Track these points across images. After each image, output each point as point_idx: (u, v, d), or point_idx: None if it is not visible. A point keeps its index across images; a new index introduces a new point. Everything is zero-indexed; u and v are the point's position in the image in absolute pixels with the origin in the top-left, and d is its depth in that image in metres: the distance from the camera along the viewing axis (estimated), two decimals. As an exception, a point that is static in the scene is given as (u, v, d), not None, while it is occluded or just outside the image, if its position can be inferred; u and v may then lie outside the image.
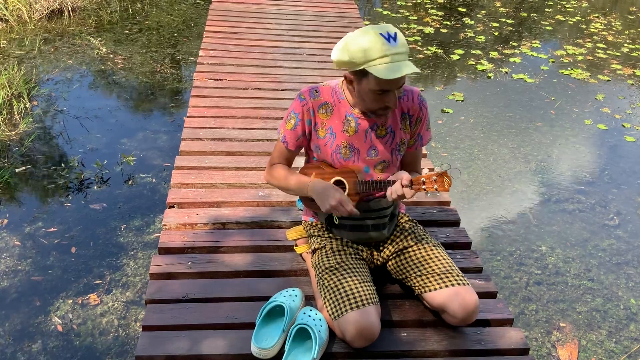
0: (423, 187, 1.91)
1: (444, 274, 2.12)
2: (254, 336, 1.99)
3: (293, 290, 2.18)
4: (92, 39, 5.59)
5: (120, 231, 3.16)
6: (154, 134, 4.12)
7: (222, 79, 4.17)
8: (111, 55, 5.29)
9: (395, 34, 1.86)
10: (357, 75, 1.92)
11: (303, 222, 2.39)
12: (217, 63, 4.44)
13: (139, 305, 2.70)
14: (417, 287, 2.17)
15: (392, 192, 1.97)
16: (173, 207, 2.76)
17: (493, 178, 3.98)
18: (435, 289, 2.10)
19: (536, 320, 2.84)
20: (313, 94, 2.09)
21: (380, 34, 1.84)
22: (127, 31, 5.89)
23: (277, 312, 2.10)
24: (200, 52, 4.61)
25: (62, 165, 3.68)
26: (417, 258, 2.19)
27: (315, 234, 2.29)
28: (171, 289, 2.25)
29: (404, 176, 1.95)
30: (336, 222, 2.19)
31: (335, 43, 5.10)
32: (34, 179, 3.54)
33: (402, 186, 1.94)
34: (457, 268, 2.16)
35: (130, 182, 3.57)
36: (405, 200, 2.20)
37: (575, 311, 2.92)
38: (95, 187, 3.49)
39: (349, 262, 2.14)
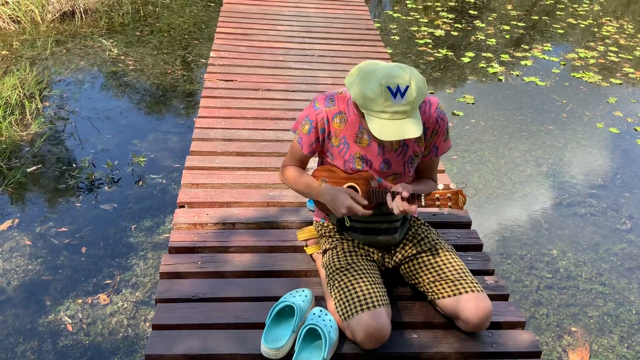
0: (437, 203, 1.90)
1: (458, 280, 2.10)
2: (264, 336, 1.98)
3: (303, 291, 2.17)
4: (104, 41, 5.62)
5: (130, 231, 3.17)
6: (164, 135, 4.13)
7: (232, 80, 4.17)
8: (122, 57, 5.32)
9: (407, 88, 1.77)
10: (359, 109, 1.91)
11: (314, 222, 2.38)
12: (228, 64, 4.44)
13: (149, 306, 2.70)
14: (430, 293, 2.16)
15: (395, 207, 1.94)
16: (183, 206, 2.76)
17: (504, 181, 3.96)
18: (449, 296, 2.09)
19: (547, 324, 2.82)
20: (328, 103, 2.07)
21: (388, 87, 1.75)
22: (138, 33, 5.92)
23: (287, 313, 2.10)
24: (211, 54, 4.62)
25: (73, 165, 3.69)
26: (431, 264, 2.17)
27: (327, 234, 2.28)
28: (181, 288, 2.25)
29: (406, 189, 1.93)
30: (347, 225, 2.19)
31: (346, 45, 5.11)
32: (45, 179, 3.55)
33: (402, 199, 1.92)
34: (470, 274, 2.14)
35: (140, 182, 3.58)
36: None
37: (587, 315, 2.89)
38: (105, 188, 3.50)
39: (359, 263, 2.13)
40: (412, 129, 1.78)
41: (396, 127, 1.78)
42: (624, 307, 2.97)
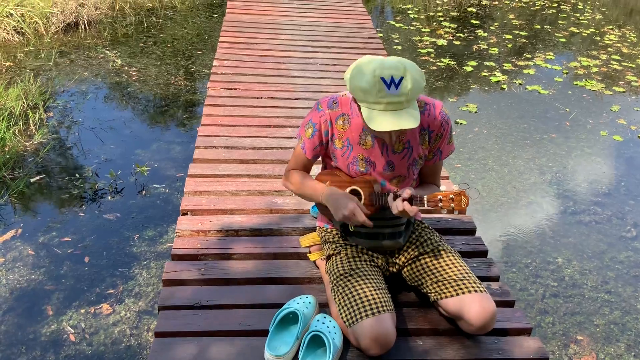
0: (439, 204, 1.89)
1: (460, 280, 2.08)
2: (268, 343, 1.97)
3: (307, 297, 2.16)
4: (107, 52, 5.64)
5: (133, 241, 3.16)
6: (167, 144, 4.14)
7: (235, 89, 4.18)
8: (126, 68, 5.34)
9: (401, 79, 1.76)
10: (357, 103, 1.92)
11: (318, 228, 2.37)
12: (231, 73, 4.45)
13: (151, 315, 2.69)
14: (432, 294, 2.14)
15: (394, 207, 1.94)
16: (186, 214, 2.76)
17: (508, 189, 3.95)
18: (452, 295, 2.07)
19: (553, 333, 2.80)
20: (331, 105, 2.07)
21: (382, 78, 1.76)
22: (141, 44, 5.94)
23: (291, 319, 2.08)
24: (214, 62, 4.63)
25: (77, 175, 3.69)
26: (433, 264, 2.16)
27: (330, 240, 2.27)
28: (184, 296, 2.24)
29: (406, 190, 1.93)
30: (351, 229, 2.18)
31: (348, 53, 5.12)
32: (48, 189, 3.55)
33: (403, 200, 1.91)
34: (473, 275, 2.12)
35: (143, 192, 3.58)
36: (421, 208, 2.17)
37: (593, 324, 2.87)
38: (109, 197, 3.50)
39: (363, 268, 2.12)
40: (407, 120, 1.78)
41: (391, 118, 1.78)
42: (630, 315, 2.95)
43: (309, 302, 2.13)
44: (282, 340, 2.01)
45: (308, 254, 2.42)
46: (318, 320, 2.04)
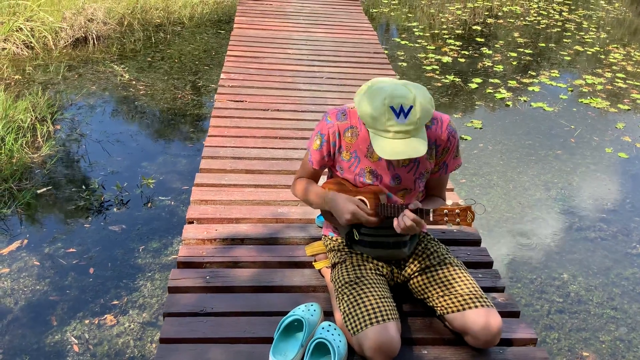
0: (445, 218, 1.89)
1: (467, 295, 2.07)
2: (272, 350, 1.96)
3: (312, 305, 2.15)
4: (115, 66, 5.69)
5: (138, 252, 3.17)
6: (173, 157, 4.16)
7: (242, 101, 4.21)
8: (133, 82, 5.38)
9: (411, 107, 1.79)
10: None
11: (323, 236, 2.37)
12: (238, 86, 4.50)
13: (155, 326, 2.69)
14: (439, 308, 2.13)
15: (400, 223, 1.94)
16: (192, 222, 2.76)
17: (513, 205, 3.94)
18: (458, 311, 2.06)
19: (558, 349, 2.78)
20: (340, 117, 2.08)
21: (391, 107, 1.78)
22: (149, 59, 6.00)
23: (296, 327, 2.08)
24: (222, 75, 4.68)
25: (83, 187, 3.71)
26: (440, 278, 2.15)
27: (335, 248, 2.27)
28: (189, 303, 2.24)
29: (410, 206, 1.94)
30: (356, 238, 2.18)
31: (354, 67, 5.16)
32: (54, 200, 3.56)
33: (410, 214, 1.92)
34: (480, 289, 2.12)
35: (149, 204, 3.59)
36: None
37: (599, 340, 2.85)
38: (114, 209, 3.51)
39: (368, 277, 2.11)
40: (415, 149, 1.80)
41: (400, 146, 1.80)
42: (636, 331, 2.93)
43: (314, 310, 2.13)
44: (286, 347, 2.00)
45: (313, 263, 2.42)
46: (323, 328, 2.03)
